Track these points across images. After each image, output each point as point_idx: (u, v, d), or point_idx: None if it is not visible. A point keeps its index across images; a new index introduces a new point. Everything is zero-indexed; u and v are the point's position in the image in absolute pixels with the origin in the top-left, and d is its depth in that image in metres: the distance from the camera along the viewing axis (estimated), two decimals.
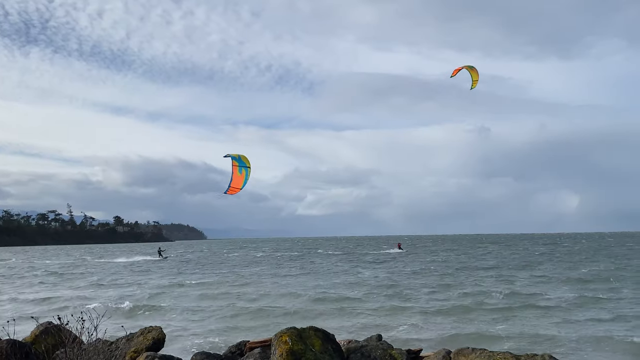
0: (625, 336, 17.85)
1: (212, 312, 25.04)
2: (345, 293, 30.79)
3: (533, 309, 23.98)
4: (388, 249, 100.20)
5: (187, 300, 30.02)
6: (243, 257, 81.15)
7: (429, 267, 51.30)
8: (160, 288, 35.87)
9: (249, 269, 54.67)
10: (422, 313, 23.64)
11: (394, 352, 11.13)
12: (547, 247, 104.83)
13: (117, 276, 48.49)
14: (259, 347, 11.58)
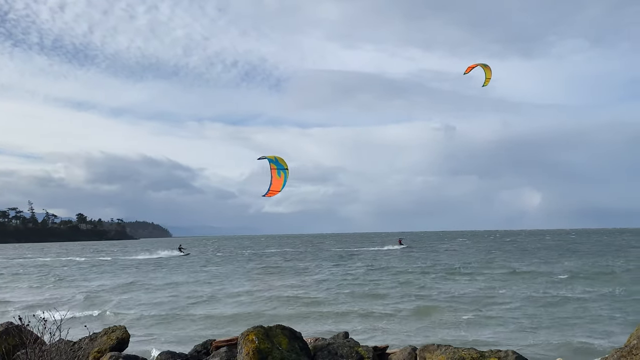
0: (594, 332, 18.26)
1: (180, 312, 24.83)
2: (314, 293, 30.87)
3: (499, 305, 24.37)
4: (389, 246, 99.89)
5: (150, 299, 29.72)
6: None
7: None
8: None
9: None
10: (390, 310, 23.82)
11: (360, 349, 11.15)
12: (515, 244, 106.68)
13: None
14: (225, 346, 11.49)
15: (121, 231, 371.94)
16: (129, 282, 40.23)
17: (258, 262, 63.42)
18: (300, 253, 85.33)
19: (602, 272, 37.96)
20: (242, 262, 63.01)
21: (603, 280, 33.04)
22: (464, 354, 10.16)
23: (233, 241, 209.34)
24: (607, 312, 21.92)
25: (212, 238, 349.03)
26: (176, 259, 75.16)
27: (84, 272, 53.09)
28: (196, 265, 58.51)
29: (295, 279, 39.49)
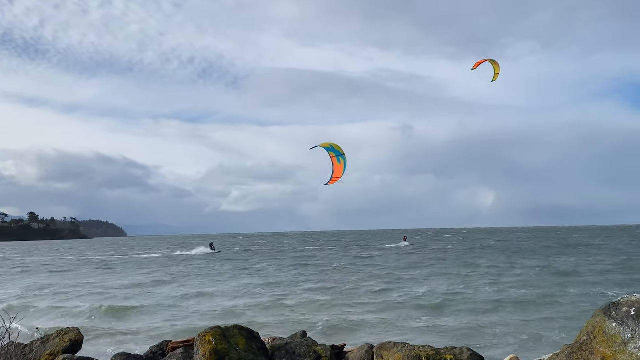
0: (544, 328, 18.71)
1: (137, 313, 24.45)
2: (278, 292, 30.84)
3: (458, 303, 24.75)
4: (396, 243, 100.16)
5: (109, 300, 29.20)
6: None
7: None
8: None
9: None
10: (350, 308, 23.96)
11: (318, 348, 11.17)
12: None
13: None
14: (182, 347, 11.35)
15: (75, 230, 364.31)
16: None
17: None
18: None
19: (560, 272, 38.94)
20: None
21: (557, 279, 33.89)
22: (420, 352, 10.28)
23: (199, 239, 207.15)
24: (557, 310, 22.50)
25: (168, 238, 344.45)
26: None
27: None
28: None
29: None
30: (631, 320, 7.70)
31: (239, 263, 57.97)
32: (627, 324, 7.68)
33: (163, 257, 78.25)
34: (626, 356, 7.45)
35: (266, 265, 53.47)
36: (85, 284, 38.07)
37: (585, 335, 8.02)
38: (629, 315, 7.76)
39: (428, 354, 10.18)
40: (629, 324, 7.67)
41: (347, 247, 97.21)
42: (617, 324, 7.74)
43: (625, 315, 7.78)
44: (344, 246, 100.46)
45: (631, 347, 7.48)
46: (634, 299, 8.05)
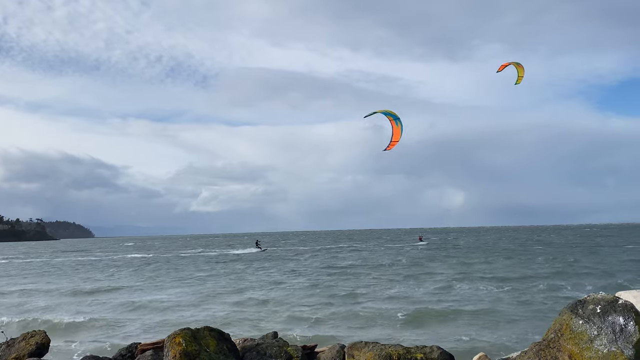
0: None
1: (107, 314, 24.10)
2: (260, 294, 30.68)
3: (431, 304, 24.92)
4: (412, 243, 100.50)
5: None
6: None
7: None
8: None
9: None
10: (320, 308, 23.95)
11: (289, 349, 11.15)
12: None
13: None
14: (151, 349, 11.23)
15: (41, 231, 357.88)
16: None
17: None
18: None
19: (525, 273, 39.51)
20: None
21: (522, 278, 34.39)
22: (391, 351, 10.33)
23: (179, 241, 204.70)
24: (525, 308, 22.83)
25: (138, 239, 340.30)
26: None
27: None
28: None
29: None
30: (597, 318, 7.85)
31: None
32: (593, 321, 7.83)
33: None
34: (592, 353, 7.60)
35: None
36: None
37: (552, 332, 8.15)
38: (595, 312, 7.91)
39: (399, 352, 10.24)
40: (595, 321, 7.82)
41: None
42: (583, 321, 7.88)
43: (592, 312, 7.93)
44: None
45: (597, 343, 7.63)
46: (599, 296, 8.21)
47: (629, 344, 7.46)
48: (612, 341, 7.56)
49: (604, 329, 7.71)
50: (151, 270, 51.13)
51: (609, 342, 7.57)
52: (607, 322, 7.75)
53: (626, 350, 7.42)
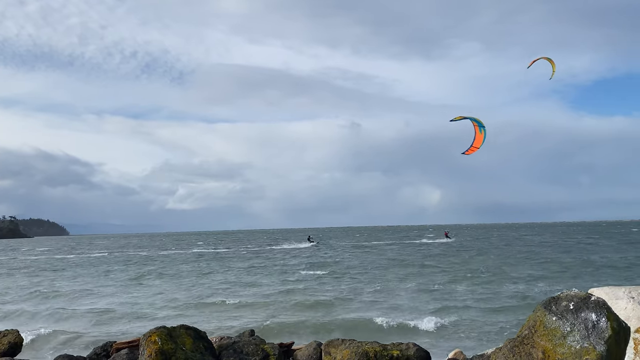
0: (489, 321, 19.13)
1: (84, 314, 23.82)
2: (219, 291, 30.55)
3: (398, 300, 25.07)
4: (436, 239, 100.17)
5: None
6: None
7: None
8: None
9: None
10: (296, 306, 23.97)
11: (266, 347, 11.13)
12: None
13: None
14: (127, 348, 11.13)
15: (14, 229, 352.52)
16: None
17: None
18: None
19: (504, 271, 39.95)
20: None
21: (499, 274, 34.77)
22: (367, 348, 10.38)
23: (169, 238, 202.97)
24: (499, 304, 23.08)
25: (114, 236, 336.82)
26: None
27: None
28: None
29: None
30: (570, 314, 7.95)
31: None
32: (566, 317, 7.93)
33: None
34: (565, 349, 7.70)
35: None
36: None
37: (527, 329, 8.24)
38: (568, 309, 8.02)
39: (375, 350, 10.29)
40: (568, 317, 7.93)
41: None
42: (557, 317, 7.99)
43: (565, 309, 8.04)
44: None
45: (570, 340, 7.74)
46: (572, 293, 8.32)
47: (601, 340, 7.58)
48: (584, 337, 7.67)
49: (576, 325, 7.82)
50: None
51: (582, 338, 7.68)
52: (580, 319, 7.86)
53: (598, 346, 7.53)
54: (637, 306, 9.72)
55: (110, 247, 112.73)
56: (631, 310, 9.70)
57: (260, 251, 76.51)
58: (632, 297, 9.95)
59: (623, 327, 8.01)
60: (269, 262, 52.00)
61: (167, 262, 57.01)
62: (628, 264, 39.47)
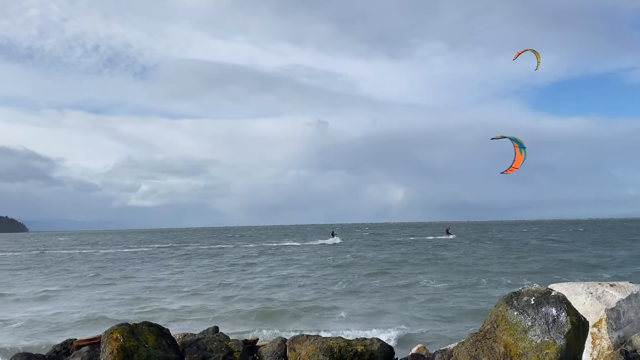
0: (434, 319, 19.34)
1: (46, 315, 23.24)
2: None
3: (366, 298, 25.19)
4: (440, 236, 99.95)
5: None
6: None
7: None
8: None
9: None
10: (261, 303, 23.90)
11: (230, 344, 11.08)
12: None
13: None
14: (88, 345, 10.94)
15: None
16: None
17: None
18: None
19: (458, 266, 40.49)
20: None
21: (462, 269, 35.24)
22: (332, 344, 10.41)
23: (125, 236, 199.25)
24: (461, 300, 23.40)
25: (74, 233, 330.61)
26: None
27: None
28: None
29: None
30: (531, 309, 8.10)
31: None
32: (528, 312, 8.08)
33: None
34: (526, 343, 7.84)
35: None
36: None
37: (489, 323, 8.36)
38: (529, 304, 8.16)
39: (340, 345, 10.33)
40: (529, 312, 8.07)
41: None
42: (518, 312, 8.12)
43: (526, 304, 8.18)
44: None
45: (531, 334, 7.88)
46: (533, 288, 8.48)
47: (560, 334, 7.74)
48: (545, 331, 7.82)
49: (537, 319, 7.96)
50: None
51: (542, 332, 7.83)
52: (541, 313, 8.01)
53: (558, 340, 7.69)
54: (595, 301, 9.96)
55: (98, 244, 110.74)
56: (589, 305, 9.94)
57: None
58: (590, 293, 10.19)
59: (582, 322, 8.20)
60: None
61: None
62: (584, 261, 40.48)
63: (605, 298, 10.02)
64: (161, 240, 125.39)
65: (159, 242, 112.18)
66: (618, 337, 9.61)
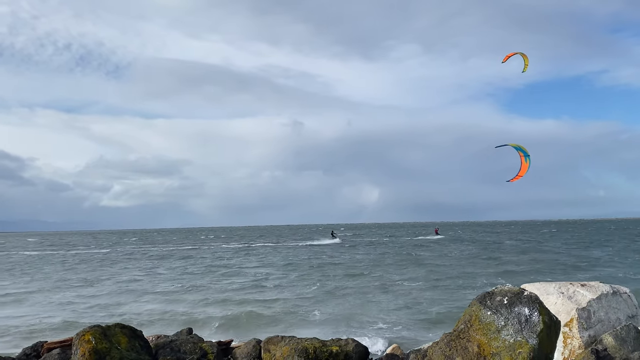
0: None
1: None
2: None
3: (342, 299, 25.22)
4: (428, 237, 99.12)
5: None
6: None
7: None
8: None
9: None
10: (236, 305, 23.77)
11: (204, 345, 11.02)
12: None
13: None
14: (59, 348, 10.79)
15: None
16: None
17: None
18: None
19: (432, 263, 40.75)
20: None
21: (432, 272, 35.46)
22: (307, 344, 10.42)
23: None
24: (435, 300, 23.55)
25: (45, 234, 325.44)
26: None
27: None
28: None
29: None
30: (504, 309, 8.20)
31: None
32: (501, 312, 8.18)
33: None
34: (500, 342, 7.94)
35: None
36: None
37: (462, 323, 8.44)
38: (502, 304, 8.26)
39: (315, 346, 10.35)
40: (502, 312, 8.17)
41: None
42: (491, 312, 8.22)
43: (499, 304, 8.28)
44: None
45: (504, 333, 7.98)
46: (506, 288, 8.59)
47: (533, 334, 7.85)
48: (518, 331, 7.93)
49: (510, 319, 8.06)
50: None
51: (515, 332, 7.94)
52: (514, 313, 8.12)
53: (531, 339, 7.80)
54: (566, 301, 10.11)
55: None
56: (561, 305, 10.09)
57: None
58: (562, 293, 10.35)
59: (554, 321, 8.32)
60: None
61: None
62: (556, 261, 41.05)
63: (576, 298, 10.18)
64: (134, 241, 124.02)
65: (131, 243, 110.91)
66: (589, 336, 9.77)
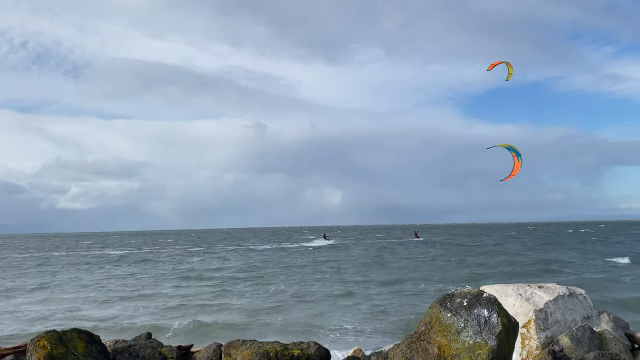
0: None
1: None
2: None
3: (306, 303, 25.20)
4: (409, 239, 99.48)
5: None
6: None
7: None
8: None
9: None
10: (196, 309, 23.56)
11: (163, 350, 10.84)
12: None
13: None
14: (12, 354, 10.47)
15: None
16: None
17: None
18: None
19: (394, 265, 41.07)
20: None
21: (392, 275, 35.75)
22: (268, 348, 10.34)
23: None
24: (397, 302, 23.74)
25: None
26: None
27: None
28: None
29: None
30: (464, 311, 8.29)
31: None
32: (460, 314, 8.26)
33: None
34: (459, 344, 8.02)
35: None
36: None
37: (423, 325, 8.50)
38: (462, 305, 8.35)
39: (276, 349, 10.27)
40: (462, 314, 8.25)
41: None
42: (451, 314, 8.29)
43: (459, 305, 8.36)
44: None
45: (464, 335, 8.06)
46: (466, 290, 8.68)
47: (492, 335, 7.95)
48: (477, 332, 8.02)
49: (470, 321, 8.15)
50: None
51: (475, 333, 8.02)
52: (473, 315, 8.21)
53: (490, 340, 7.89)
54: (524, 303, 10.29)
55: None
56: (519, 306, 10.26)
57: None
58: (519, 294, 10.52)
59: (512, 323, 8.44)
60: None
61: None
62: (515, 263, 41.85)
63: (534, 299, 10.36)
64: (90, 244, 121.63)
65: (88, 246, 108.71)
66: (546, 337, 9.95)
